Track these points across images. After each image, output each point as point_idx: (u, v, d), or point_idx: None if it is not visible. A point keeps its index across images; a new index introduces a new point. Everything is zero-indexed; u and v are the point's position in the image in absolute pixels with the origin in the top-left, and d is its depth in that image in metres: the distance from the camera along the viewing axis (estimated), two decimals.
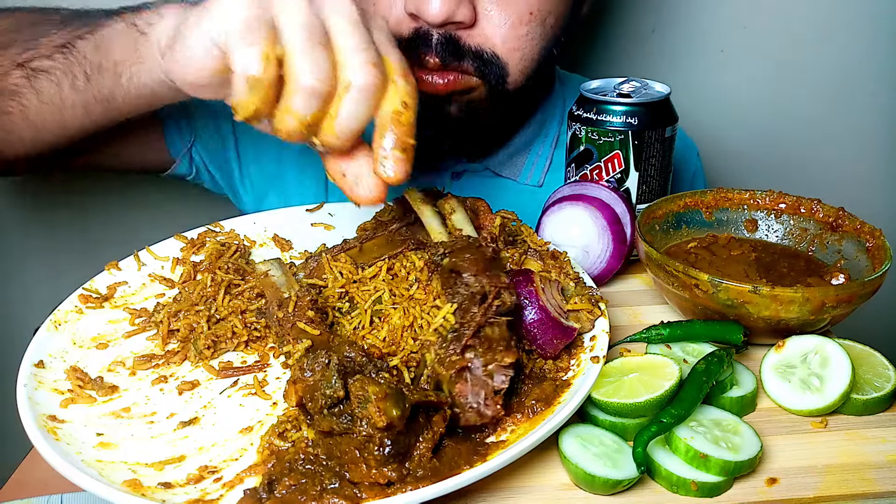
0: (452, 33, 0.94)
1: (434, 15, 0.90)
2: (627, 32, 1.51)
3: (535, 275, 0.75)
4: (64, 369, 0.74)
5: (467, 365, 0.65)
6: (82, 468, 0.59)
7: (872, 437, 0.69)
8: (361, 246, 0.86)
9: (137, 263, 0.91)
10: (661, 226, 0.93)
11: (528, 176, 1.19)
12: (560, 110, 1.23)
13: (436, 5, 0.90)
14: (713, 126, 1.57)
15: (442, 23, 0.92)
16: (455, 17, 0.92)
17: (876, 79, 1.58)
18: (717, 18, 1.51)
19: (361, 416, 0.58)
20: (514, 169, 1.19)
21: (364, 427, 0.58)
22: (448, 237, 0.82)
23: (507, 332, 0.68)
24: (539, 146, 1.20)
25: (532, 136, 1.19)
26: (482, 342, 0.66)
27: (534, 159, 1.20)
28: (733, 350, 0.74)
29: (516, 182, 1.19)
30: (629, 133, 0.93)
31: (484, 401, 0.65)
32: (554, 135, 1.22)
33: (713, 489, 0.62)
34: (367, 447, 0.58)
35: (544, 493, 0.63)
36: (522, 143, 1.19)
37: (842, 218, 0.89)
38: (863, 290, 0.75)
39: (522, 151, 1.19)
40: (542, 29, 0.99)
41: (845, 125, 1.62)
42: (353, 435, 0.59)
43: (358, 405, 0.59)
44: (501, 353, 0.66)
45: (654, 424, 0.64)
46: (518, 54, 0.98)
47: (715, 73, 1.55)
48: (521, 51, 0.98)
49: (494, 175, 1.19)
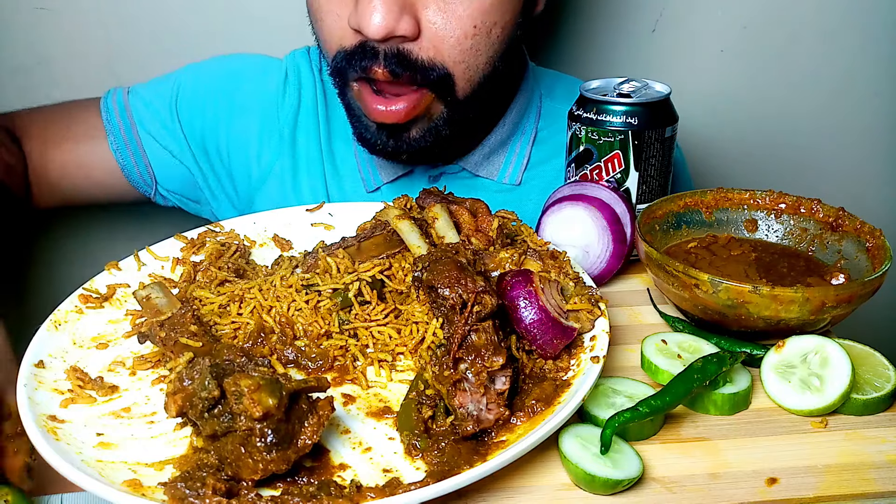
0: (400, 47, 0.94)
1: (374, 31, 0.90)
2: (627, 32, 1.51)
3: (534, 275, 0.75)
4: (64, 369, 0.74)
5: (461, 377, 0.65)
6: (82, 468, 0.59)
7: (872, 437, 0.69)
8: (360, 244, 0.86)
9: (137, 263, 0.91)
10: (661, 226, 0.93)
11: (506, 175, 1.18)
12: (536, 107, 1.21)
13: (375, 21, 0.89)
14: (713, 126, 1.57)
15: (383, 38, 0.91)
16: (396, 32, 0.91)
17: (876, 78, 1.58)
18: (717, 18, 1.51)
19: (238, 411, 0.59)
20: (492, 168, 1.18)
21: (243, 421, 0.59)
22: (428, 248, 0.82)
23: (493, 335, 0.67)
24: (515, 145, 1.19)
25: (507, 135, 1.18)
26: (469, 351, 0.66)
27: (511, 158, 1.18)
28: (742, 355, 0.74)
29: (494, 181, 1.18)
30: (629, 133, 0.93)
31: (486, 406, 0.65)
32: (531, 132, 1.20)
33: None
34: (249, 441, 0.59)
35: (544, 493, 0.63)
36: (497, 142, 1.17)
37: (842, 218, 0.89)
38: (863, 290, 0.75)
39: (499, 151, 1.18)
40: (488, 40, 0.97)
41: (845, 125, 1.62)
42: (235, 432, 0.60)
43: (234, 401, 0.59)
44: (490, 357, 0.65)
45: (630, 411, 0.65)
46: (463, 66, 0.97)
47: (715, 73, 1.55)
48: (467, 62, 0.97)
49: (472, 175, 1.18)
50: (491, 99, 1.11)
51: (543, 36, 1.49)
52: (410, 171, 1.17)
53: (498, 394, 0.65)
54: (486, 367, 0.65)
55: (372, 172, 1.18)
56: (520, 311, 0.73)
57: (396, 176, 1.17)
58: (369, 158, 1.17)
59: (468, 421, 0.64)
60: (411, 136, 1.01)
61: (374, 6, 0.89)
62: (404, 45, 0.94)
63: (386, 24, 0.90)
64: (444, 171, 1.18)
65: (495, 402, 0.65)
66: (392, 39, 0.92)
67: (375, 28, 0.90)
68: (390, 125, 0.99)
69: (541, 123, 1.21)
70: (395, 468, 0.63)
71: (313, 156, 1.19)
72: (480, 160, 1.17)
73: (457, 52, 0.96)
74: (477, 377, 0.65)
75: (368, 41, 0.93)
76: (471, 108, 1.03)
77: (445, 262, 0.73)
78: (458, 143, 1.16)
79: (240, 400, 0.59)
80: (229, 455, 0.59)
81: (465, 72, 0.98)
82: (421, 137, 1.01)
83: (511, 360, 0.69)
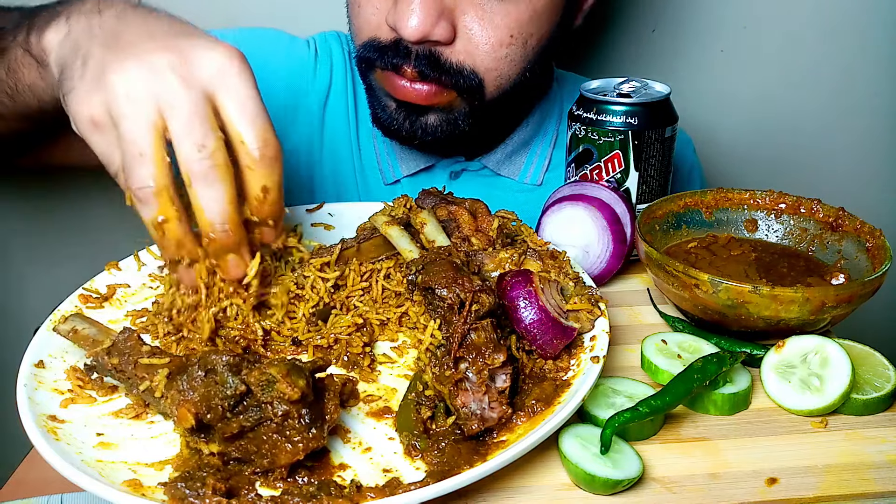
0: (432, 49, 0.94)
1: (410, 33, 0.90)
2: (627, 32, 1.51)
3: (534, 275, 0.75)
4: (64, 369, 0.74)
5: (462, 376, 0.65)
6: (82, 468, 0.59)
7: (872, 437, 0.69)
8: (359, 245, 0.86)
9: (137, 263, 0.91)
10: (661, 226, 0.93)
11: (528, 175, 1.19)
12: (558, 109, 1.23)
13: (412, 24, 0.90)
14: (713, 126, 1.57)
15: (418, 41, 0.92)
16: (432, 36, 0.92)
17: (876, 79, 1.58)
18: (717, 18, 1.51)
19: (270, 398, 0.59)
20: (513, 168, 1.19)
21: (278, 407, 0.59)
22: (420, 252, 0.82)
23: (492, 333, 0.67)
24: (538, 145, 1.20)
25: (530, 136, 1.19)
26: (470, 350, 0.66)
27: (532, 158, 1.20)
28: (742, 355, 0.73)
29: (515, 181, 1.19)
30: (629, 133, 0.93)
31: (488, 405, 0.65)
32: (552, 134, 1.22)
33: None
34: (286, 425, 0.59)
35: (544, 493, 0.63)
36: (520, 142, 1.19)
37: (842, 218, 0.89)
38: (863, 290, 0.75)
39: (521, 151, 1.19)
40: (523, 51, 0.98)
41: (845, 125, 1.62)
42: (266, 423, 0.60)
43: (262, 391, 0.59)
44: (491, 354, 0.66)
45: (630, 411, 0.65)
46: (495, 73, 0.98)
47: (715, 73, 1.55)
48: (499, 70, 0.98)
49: (493, 174, 1.19)
50: (516, 103, 1.11)
51: None
52: (431, 167, 1.17)
53: (499, 392, 0.65)
54: (488, 365, 0.65)
55: (392, 165, 1.17)
56: (520, 311, 0.73)
57: (417, 170, 1.17)
58: (389, 151, 1.17)
59: (472, 420, 0.64)
60: (427, 123, 1.01)
61: (412, 8, 0.90)
62: (437, 48, 0.94)
63: (423, 27, 0.90)
64: (466, 167, 1.18)
65: (497, 401, 0.65)
66: (426, 42, 0.93)
67: (412, 30, 0.90)
68: (409, 105, 0.99)
69: (562, 126, 1.22)
70: (395, 468, 0.63)
71: (340, 138, 1.18)
72: (502, 159, 1.18)
73: (490, 60, 0.96)
74: (478, 375, 0.65)
75: (403, 40, 0.94)
76: (494, 112, 1.04)
77: (440, 264, 0.73)
78: (480, 141, 1.16)
79: (270, 388, 0.59)
80: (261, 447, 0.60)
81: (497, 79, 0.99)
82: (437, 127, 1.01)
83: (511, 359, 0.69)
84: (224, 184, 0.65)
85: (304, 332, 0.78)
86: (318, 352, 0.77)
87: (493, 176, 1.19)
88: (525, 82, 1.03)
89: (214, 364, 0.61)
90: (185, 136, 0.63)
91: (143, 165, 0.63)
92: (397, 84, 0.97)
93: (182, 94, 0.63)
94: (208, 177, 0.64)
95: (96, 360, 0.71)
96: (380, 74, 1.00)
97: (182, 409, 0.60)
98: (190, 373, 0.62)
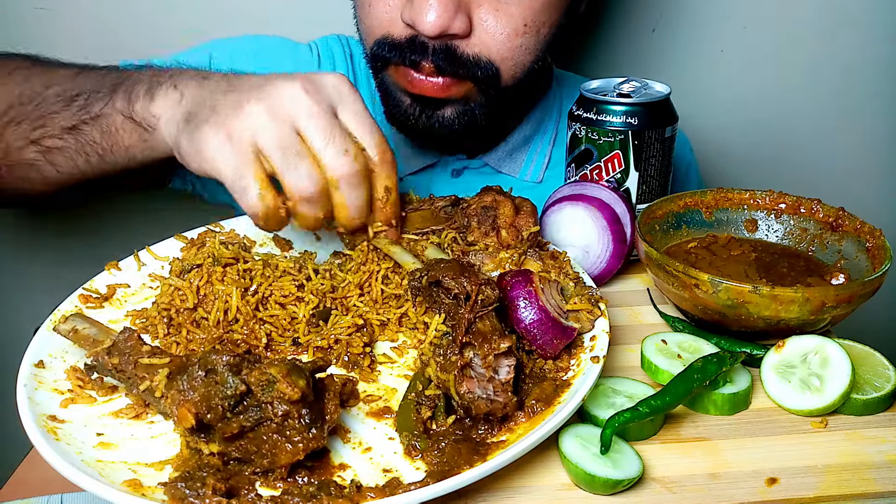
0: (449, 43, 0.95)
1: (429, 28, 0.91)
2: (627, 32, 1.51)
3: (534, 275, 0.75)
4: (64, 369, 0.74)
5: (468, 362, 0.66)
6: (82, 468, 0.59)
7: (872, 437, 0.69)
8: (407, 214, 0.87)
9: (137, 263, 0.91)
10: (661, 226, 0.93)
11: (528, 172, 1.20)
12: (557, 109, 1.23)
13: (430, 19, 0.90)
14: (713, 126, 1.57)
15: (437, 36, 0.92)
16: (450, 30, 0.92)
17: (876, 79, 1.58)
18: (717, 18, 1.51)
19: (270, 398, 0.59)
20: (514, 165, 1.20)
21: (278, 407, 0.59)
22: (422, 265, 0.82)
23: (497, 322, 0.68)
24: (538, 143, 1.21)
25: (530, 134, 1.20)
26: (476, 337, 0.67)
27: (533, 156, 1.21)
28: (742, 355, 0.74)
29: (516, 178, 1.20)
30: (629, 133, 0.93)
31: (493, 392, 0.65)
32: (552, 132, 1.23)
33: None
34: (286, 425, 0.60)
35: (544, 493, 0.63)
36: (521, 140, 1.19)
37: (842, 218, 0.89)
38: (863, 290, 0.75)
39: (521, 148, 1.20)
40: (536, 39, 0.99)
41: (845, 125, 1.62)
42: (266, 423, 0.60)
43: (262, 391, 0.59)
44: (497, 340, 0.66)
45: (630, 411, 0.65)
46: (511, 63, 0.99)
47: (715, 73, 1.55)
48: (514, 59, 0.99)
49: (495, 172, 1.20)
50: (527, 92, 1.12)
51: None
52: (433, 165, 1.18)
53: (503, 383, 0.66)
54: (494, 350, 0.66)
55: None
56: (520, 311, 0.73)
57: (420, 168, 1.17)
58: (394, 148, 1.17)
59: (479, 401, 0.64)
60: (444, 115, 1.02)
61: (430, 4, 0.90)
62: (454, 41, 0.95)
63: (441, 22, 0.91)
64: (468, 165, 1.19)
65: (502, 390, 0.65)
66: (443, 37, 0.93)
67: (430, 26, 0.91)
68: (424, 99, 0.99)
69: (561, 124, 1.23)
70: (395, 468, 0.63)
71: None
72: (503, 156, 1.19)
73: (506, 50, 0.97)
74: (484, 361, 0.66)
75: (419, 36, 0.94)
76: (508, 101, 1.05)
77: (447, 262, 0.75)
78: (488, 137, 1.17)
79: (270, 388, 0.59)
80: (261, 447, 0.60)
81: (512, 68, 1.00)
82: (454, 120, 1.02)
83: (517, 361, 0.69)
84: (367, 184, 0.77)
85: (304, 333, 0.78)
86: (319, 352, 0.77)
87: (494, 173, 1.20)
88: (537, 70, 1.04)
89: (214, 364, 0.61)
90: (328, 144, 0.73)
91: (303, 161, 0.73)
92: (413, 78, 0.98)
93: (317, 109, 0.73)
94: (353, 179, 0.75)
95: (96, 360, 0.71)
96: (394, 70, 1.00)
97: (182, 409, 0.60)
98: (190, 373, 0.62)
